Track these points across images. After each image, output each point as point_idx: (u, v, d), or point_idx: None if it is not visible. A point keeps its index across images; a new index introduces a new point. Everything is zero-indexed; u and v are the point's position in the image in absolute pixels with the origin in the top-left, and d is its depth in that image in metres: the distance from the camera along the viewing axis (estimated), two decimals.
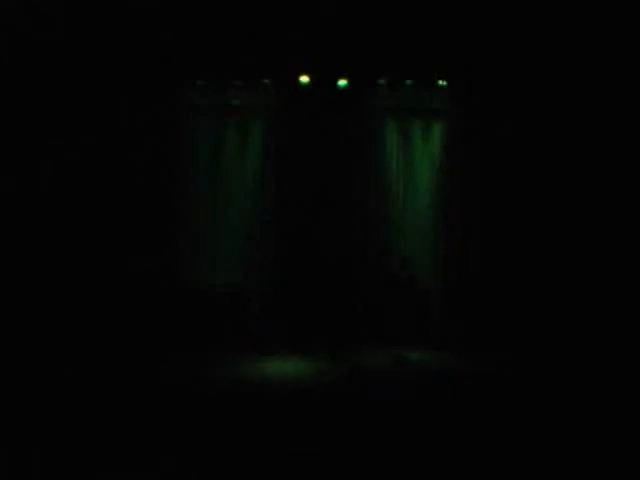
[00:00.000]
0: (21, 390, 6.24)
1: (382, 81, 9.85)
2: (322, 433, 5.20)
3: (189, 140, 9.96)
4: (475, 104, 9.78)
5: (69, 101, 9.11)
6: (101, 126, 9.27)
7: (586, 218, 9.08)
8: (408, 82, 9.87)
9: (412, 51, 9.30)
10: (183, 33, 8.98)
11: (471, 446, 4.93)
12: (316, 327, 9.36)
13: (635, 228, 8.78)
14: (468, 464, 4.59)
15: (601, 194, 9.02)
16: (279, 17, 8.86)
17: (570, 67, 9.02)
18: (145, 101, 9.47)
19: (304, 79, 9.64)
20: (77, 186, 9.18)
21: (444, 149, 10.12)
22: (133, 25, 8.81)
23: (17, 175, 8.88)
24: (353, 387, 6.87)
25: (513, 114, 9.54)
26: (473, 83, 9.68)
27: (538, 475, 4.49)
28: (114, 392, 6.31)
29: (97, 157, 9.25)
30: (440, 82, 9.84)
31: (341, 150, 9.97)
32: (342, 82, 9.72)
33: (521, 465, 4.61)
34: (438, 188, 10.13)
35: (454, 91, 9.90)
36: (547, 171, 9.39)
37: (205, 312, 9.28)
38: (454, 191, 10.00)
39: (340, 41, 9.15)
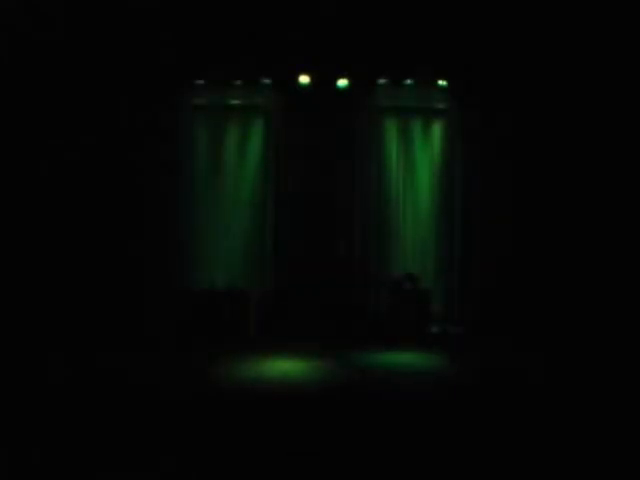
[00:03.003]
0: (21, 390, 6.24)
1: (382, 81, 9.86)
2: (322, 433, 5.20)
3: (189, 140, 9.96)
4: (475, 104, 9.78)
5: (69, 101, 9.11)
6: (101, 126, 9.28)
7: (586, 215, 9.09)
8: (408, 82, 9.87)
9: (412, 51, 9.30)
10: (183, 33, 8.98)
11: (471, 448, 4.93)
12: (316, 327, 9.35)
13: (636, 225, 8.80)
14: (466, 466, 4.60)
15: (601, 192, 9.03)
16: (279, 17, 8.86)
17: (569, 66, 9.03)
18: (145, 101, 9.47)
19: (304, 79, 9.64)
20: (77, 186, 9.19)
21: (444, 148, 10.13)
22: (133, 25, 8.81)
23: (17, 175, 8.88)
24: (353, 387, 6.87)
25: (513, 114, 9.54)
26: (473, 83, 9.69)
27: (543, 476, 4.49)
28: (114, 391, 6.31)
29: (97, 157, 9.26)
30: (440, 82, 9.84)
31: (341, 150, 9.97)
32: (342, 82, 9.72)
33: (523, 466, 4.61)
34: (438, 187, 10.14)
35: (454, 91, 9.91)
36: (547, 170, 9.40)
37: (205, 312, 9.28)
38: (454, 190, 10.01)
39: (340, 41, 9.15)
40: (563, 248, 9.22)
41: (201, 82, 9.81)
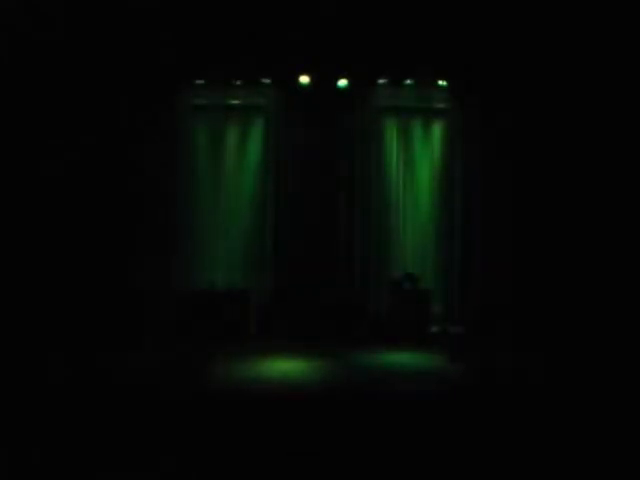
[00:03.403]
0: (21, 390, 6.24)
1: (382, 81, 9.86)
2: (321, 433, 5.20)
3: (189, 140, 9.97)
4: (475, 104, 9.79)
5: (69, 101, 9.11)
6: (101, 126, 9.28)
7: (586, 215, 9.09)
8: (408, 82, 9.87)
9: (412, 51, 9.29)
10: (183, 33, 8.98)
11: (471, 447, 4.94)
12: (316, 327, 9.35)
13: (636, 224, 8.81)
14: (467, 466, 4.60)
15: (601, 192, 9.03)
16: (279, 17, 8.86)
17: (569, 65, 9.03)
18: (145, 101, 9.47)
19: (304, 79, 9.64)
20: (77, 186, 9.19)
21: (444, 148, 10.13)
22: (133, 25, 8.80)
23: (17, 175, 8.88)
24: (353, 387, 6.87)
25: (513, 113, 9.54)
26: (473, 83, 9.69)
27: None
28: (114, 391, 6.31)
29: (97, 157, 9.26)
30: (440, 82, 9.84)
31: (341, 150, 9.97)
32: (342, 82, 9.72)
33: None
34: (438, 187, 10.14)
35: (454, 91, 9.91)
36: (547, 170, 9.39)
37: (205, 312, 9.27)
38: (454, 190, 10.01)
39: (340, 41, 9.14)
40: (563, 248, 9.22)
41: (201, 82, 9.81)
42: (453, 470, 4.50)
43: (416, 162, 10.20)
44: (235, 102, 10.05)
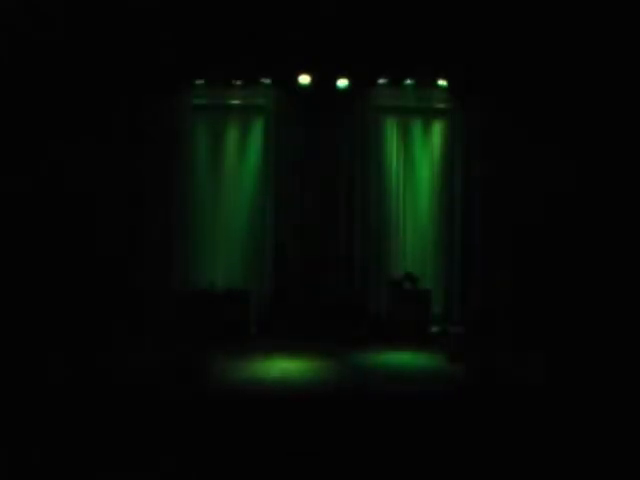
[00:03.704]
0: (21, 390, 6.24)
1: (382, 81, 9.85)
2: (323, 433, 5.20)
3: (189, 140, 9.96)
4: (475, 104, 9.79)
5: (69, 101, 9.11)
6: (101, 126, 9.28)
7: (586, 216, 9.09)
8: (408, 82, 9.87)
9: (412, 51, 9.29)
10: (183, 33, 8.98)
11: (471, 448, 4.94)
12: (316, 327, 9.34)
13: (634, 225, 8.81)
14: (466, 466, 4.60)
15: (602, 194, 9.04)
16: (279, 17, 8.86)
17: (570, 65, 9.03)
18: (145, 101, 9.47)
19: (304, 79, 9.63)
20: (77, 186, 9.19)
21: (444, 148, 10.13)
22: (133, 25, 8.80)
23: (17, 174, 8.88)
24: (353, 387, 6.87)
25: (513, 113, 9.54)
26: (473, 83, 9.69)
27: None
28: (113, 391, 6.31)
29: (97, 157, 9.26)
30: (440, 82, 9.83)
31: (341, 150, 9.97)
32: (342, 82, 9.71)
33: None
34: (438, 187, 10.14)
35: (455, 91, 9.90)
36: (548, 169, 9.39)
37: (205, 312, 9.27)
38: (454, 190, 10.01)
39: (340, 41, 9.14)
40: (563, 248, 9.22)
41: (201, 82, 9.80)
42: (453, 470, 4.50)
43: (416, 162, 10.20)
44: (235, 102, 10.05)
